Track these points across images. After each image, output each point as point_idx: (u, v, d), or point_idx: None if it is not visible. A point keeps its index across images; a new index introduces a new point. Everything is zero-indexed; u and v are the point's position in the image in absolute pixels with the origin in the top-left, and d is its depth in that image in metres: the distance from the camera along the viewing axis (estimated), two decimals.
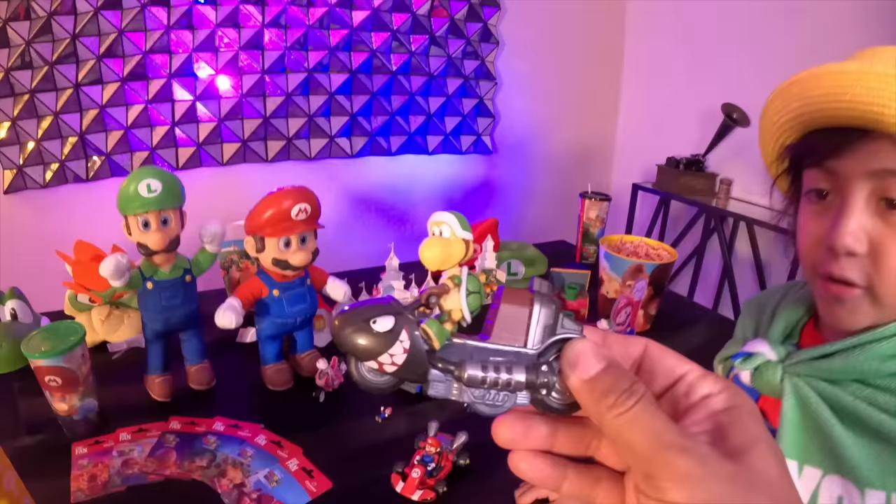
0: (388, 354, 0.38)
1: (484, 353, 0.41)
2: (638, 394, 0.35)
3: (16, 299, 1.42)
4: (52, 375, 1.03)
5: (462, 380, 0.39)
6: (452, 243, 0.47)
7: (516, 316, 0.41)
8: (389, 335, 0.38)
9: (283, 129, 2.93)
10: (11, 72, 2.33)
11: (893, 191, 0.69)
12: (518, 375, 0.39)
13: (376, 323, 0.38)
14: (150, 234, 1.13)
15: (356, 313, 0.39)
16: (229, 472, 1.02)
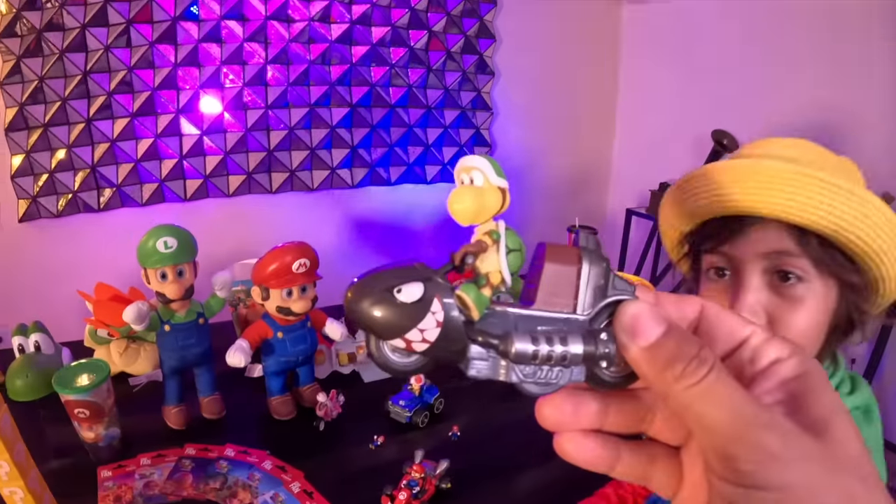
0: (417, 330, 0.33)
1: (530, 322, 0.36)
2: (709, 361, 0.32)
3: (39, 332, 1.53)
4: (81, 408, 1.15)
5: (509, 355, 0.34)
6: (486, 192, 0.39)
7: (563, 277, 0.37)
8: (418, 306, 0.33)
9: (286, 162, 3.02)
10: (25, 106, 2.42)
11: (784, 266, 0.81)
12: (574, 347, 0.35)
13: (401, 292, 0.33)
14: (168, 284, 1.26)
15: (375, 280, 0.34)
16: (240, 494, 1.14)
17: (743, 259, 0.84)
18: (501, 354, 0.35)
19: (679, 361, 0.32)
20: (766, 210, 0.78)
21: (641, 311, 0.34)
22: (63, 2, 2.38)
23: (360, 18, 2.99)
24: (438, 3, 3.18)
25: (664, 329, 0.33)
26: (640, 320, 0.34)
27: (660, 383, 0.33)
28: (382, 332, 0.33)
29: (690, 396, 0.31)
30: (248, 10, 2.74)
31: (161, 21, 2.59)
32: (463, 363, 0.36)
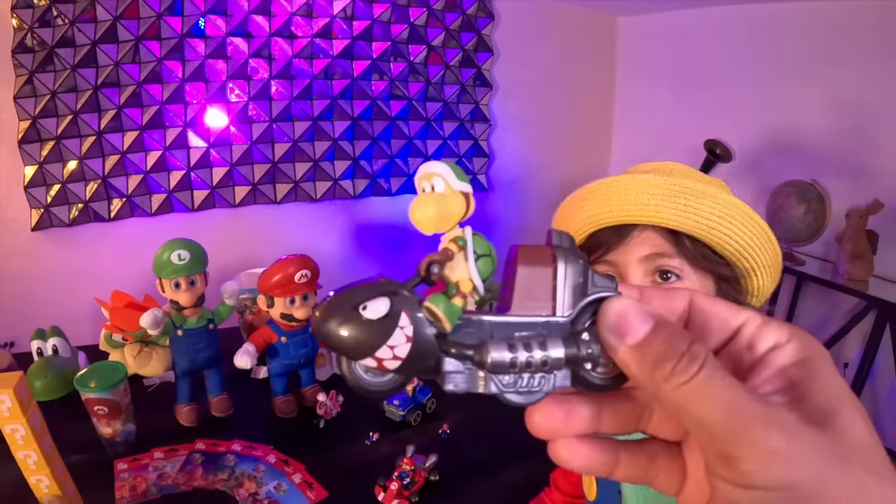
0: (387, 347, 0.31)
1: (507, 328, 0.34)
2: (700, 356, 0.30)
3: (57, 336, 1.62)
4: (101, 405, 1.25)
5: (485, 366, 0.33)
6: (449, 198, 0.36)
7: (538, 278, 0.35)
8: (386, 322, 0.32)
9: (290, 173, 3.10)
10: (38, 119, 2.49)
11: (663, 266, 0.92)
12: (555, 350, 0.33)
13: (367, 309, 0.31)
14: (181, 293, 1.36)
15: (340, 299, 0.32)
16: (246, 484, 1.24)
17: (626, 264, 0.94)
18: (477, 365, 0.33)
19: (668, 359, 0.30)
20: (642, 219, 0.89)
21: (625, 307, 0.33)
22: (74, 19, 2.45)
23: (362, 34, 3.07)
24: (437, 18, 3.26)
25: (651, 325, 0.32)
26: (624, 318, 0.33)
27: (650, 383, 0.31)
28: (351, 352, 0.32)
29: (683, 395, 0.29)
30: (252, 27, 2.83)
31: (169, 38, 2.68)
32: (439, 378, 0.34)
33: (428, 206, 0.36)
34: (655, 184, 0.88)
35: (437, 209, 0.36)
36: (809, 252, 3.01)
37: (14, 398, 0.95)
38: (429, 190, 0.37)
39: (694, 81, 3.63)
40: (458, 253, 0.35)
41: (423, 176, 0.38)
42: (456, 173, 0.37)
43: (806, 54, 3.01)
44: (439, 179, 0.37)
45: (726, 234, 0.87)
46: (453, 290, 0.34)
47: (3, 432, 0.98)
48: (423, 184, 0.38)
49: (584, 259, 0.36)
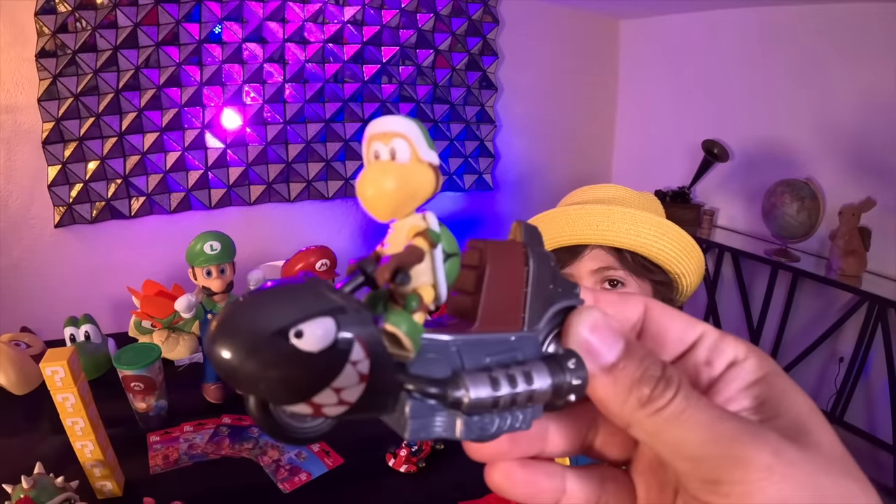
0: (330, 390, 0.23)
1: (478, 351, 0.27)
2: (675, 380, 0.28)
3: (89, 323, 1.73)
4: (137, 382, 1.36)
5: (462, 406, 0.25)
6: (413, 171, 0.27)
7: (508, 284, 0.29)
8: (331, 356, 0.22)
9: (303, 173, 3.20)
10: (61, 121, 2.60)
11: (610, 276, 1.12)
12: (541, 381, 0.27)
13: (303, 336, 0.22)
14: (212, 280, 1.48)
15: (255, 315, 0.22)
16: (269, 452, 1.36)
17: (580, 276, 1.13)
18: (451, 406, 0.26)
19: (644, 384, 0.28)
20: (593, 241, 1.09)
21: (596, 323, 0.30)
22: (96, 25, 2.57)
23: (371, 39, 3.18)
24: (444, 23, 3.37)
25: (622, 346, 0.29)
26: (596, 335, 0.29)
27: (621, 409, 0.29)
28: (276, 397, 0.23)
29: (659, 423, 0.27)
30: (267, 33, 2.94)
31: (187, 43, 2.79)
32: (393, 420, 0.26)
33: (385, 179, 0.27)
34: (602, 212, 1.08)
35: (397, 185, 0.27)
36: (804, 249, 3.09)
37: (67, 369, 1.07)
38: (385, 157, 0.27)
39: (693, 83, 3.70)
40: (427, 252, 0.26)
41: (379, 135, 0.27)
42: (425, 136, 0.27)
43: (801, 56, 3.08)
44: (403, 142, 0.27)
45: (660, 249, 1.08)
46: (414, 301, 0.26)
47: (55, 400, 1.09)
48: (375, 146, 0.27)
49: (553, 260, 0.31)
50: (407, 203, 0.27)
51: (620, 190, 1.22)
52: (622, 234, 1.07)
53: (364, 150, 0.28)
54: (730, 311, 3.53)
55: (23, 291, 2.67)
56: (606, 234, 1.07)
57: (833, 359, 3.06)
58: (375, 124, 0.28)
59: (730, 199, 3.59)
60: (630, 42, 4.13)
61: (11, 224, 2.62)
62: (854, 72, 2.87)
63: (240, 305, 0.23)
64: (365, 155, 0.28)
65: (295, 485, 1.27)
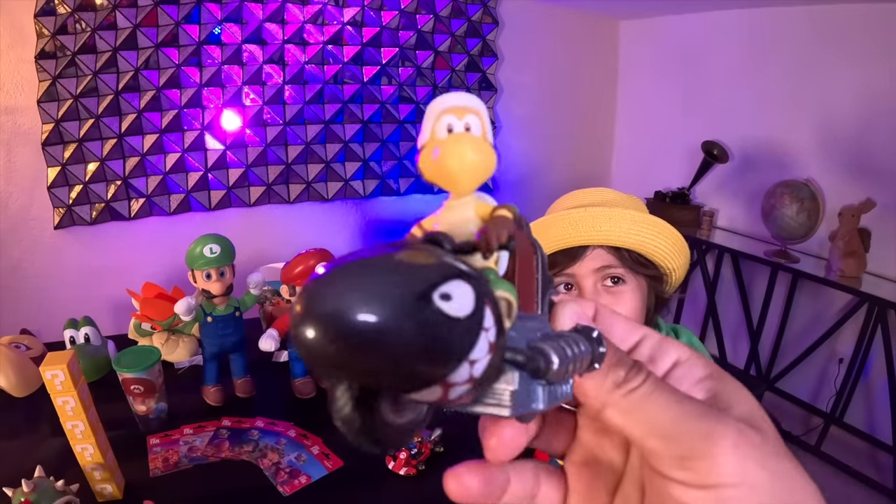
0: (467, 363, 0.21)
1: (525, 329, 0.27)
2: (644, 367, 0.30)
3: (88, 325, 1.73)
4: (137, 385, 1.36)
5: (549, 373, 0.24)
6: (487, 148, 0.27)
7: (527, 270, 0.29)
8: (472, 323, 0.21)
9: (303, 174, 3.20)
10: (61, 123, 2.61)
11: (611, 274, 1.18)
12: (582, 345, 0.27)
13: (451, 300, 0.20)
14: (212, 283, 1.48)
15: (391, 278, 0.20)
16: (269, 455, 1.35)
17: (582, 275, 1.18)
18: (534, 373, 0.25)
19: (619, 367, 0.30)
20: (596, 241, 1.14)
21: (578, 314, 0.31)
22: (96, 27, 2.57)
23: (371, 40, 3.19)
24: (444, 24, 3.38)
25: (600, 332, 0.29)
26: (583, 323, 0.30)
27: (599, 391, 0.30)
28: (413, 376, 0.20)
29: (633, 401, 0.29)
30: (266, 34, 2.94)
31: (187, 45, 2.80)
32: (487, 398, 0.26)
33: (474, 150, 0.26)
34: (604, 214, 1.13)
35: (485, 158, 0.27)
36: (803, 250, 3.09)
37: (67, 373, 1.06)
38: (459, 130, 0.27)
39: (693, 84, 3.71)
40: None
41: (454, 109, 0.27)
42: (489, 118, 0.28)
43: (800, 57, 3.09)
44: (476, 119, 0.27)
45: (656, 246, 1.15)
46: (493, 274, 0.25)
47: (55, 404, 1.09)
48: (448, 119, 0.27)
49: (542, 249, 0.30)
50: (484, 177, 0.28)
51: (611, 193, 1.27)
52: (624, 233, 1.13)
53: (431, 122, 0.28)
54: (729, 312, 3.54)
55: (22, 293, 2.67)
56: (610, 234, 1.13)
57: (833, 360, 3.07)
58: (448, 98, 0.27)
59: (729, 200, 3.59)
60: (630, 43, 4.14)
61: (11, 226, 2.62)
62: (854, 73, 2.87)
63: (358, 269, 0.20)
64: (431, 127, 0.28)
65: (295, 487, 1.27)
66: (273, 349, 1.51)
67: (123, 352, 1.42)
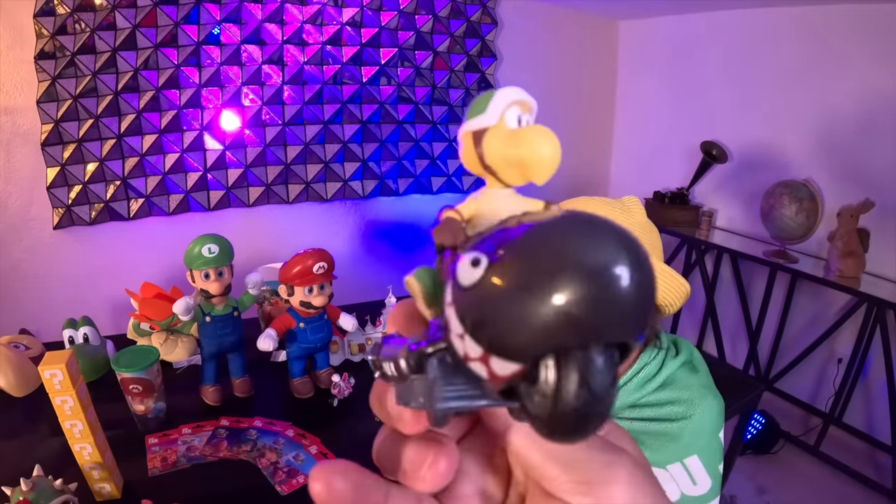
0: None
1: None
2: None
3: (87, 325, 1.73)
4: (135, 384, 1.36)
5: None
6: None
7: None
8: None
9: (302, 174, 3.20)
10: (60, 123, 2.60)
11: None
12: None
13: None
14: (210, 283, 1.48)
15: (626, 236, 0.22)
16: (267, 454, 1.36)
17: None
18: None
19: None
20: None
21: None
22: (95, 27, 2.56)
23: (370, 41, 3.18)
24: (443, 24, 3.38)
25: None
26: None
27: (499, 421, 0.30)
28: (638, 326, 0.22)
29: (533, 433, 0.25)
30: (265, 35, 2.94)
31: (186, 45, 2.79)
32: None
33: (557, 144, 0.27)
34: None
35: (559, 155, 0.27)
36: (802, 250, 3.10)
37: (65, 372, 1.07)
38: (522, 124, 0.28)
39: (692, 84, 3.71)
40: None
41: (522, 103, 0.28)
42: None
43: (799, 58, 3.09)
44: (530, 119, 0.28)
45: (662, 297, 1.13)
46: None
47: (54, 403, 1.09)
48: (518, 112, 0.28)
49: None
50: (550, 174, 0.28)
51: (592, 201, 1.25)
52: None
53: (500, 109, 0.28)
54: (728, 312, 3.54)
55: (22, 293, 2.67)
56: None
57: (832, 360, 3.07)
58: (518, 91, 0.28)
59: (728, 201, 3.60)
60: (629, 43, 4.15)
61: (10, 226, 2.62)
62: (853, 73, 2.88)
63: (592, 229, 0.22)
64: (499, 114, 0.28)
65: (293, 487, 1.28)
66: (271, 349, 1.52)
67: (122, 351, 1.42)
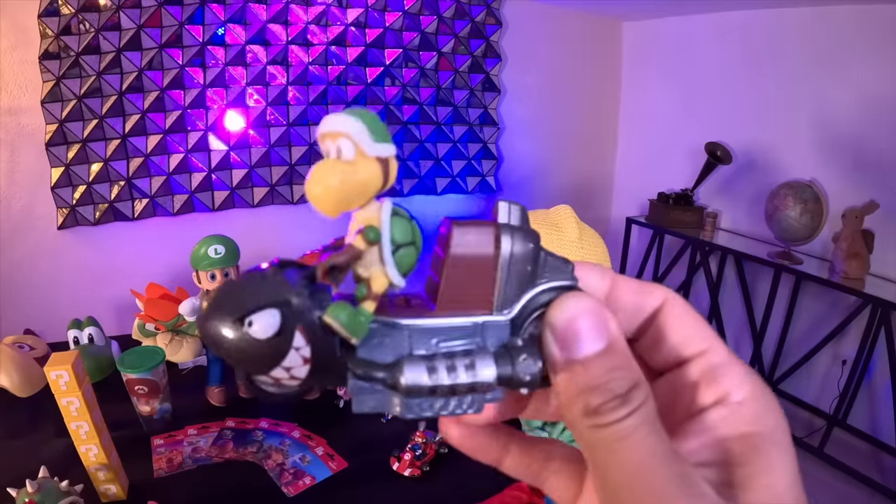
0: (281, 368, 0.26)
1: (429, 335, 0.28)
2: (634, 402, 0.25)
3: (92, 326, 1.73)
4: (141, 385, 1.36)
5: (400, 390, 0.27)
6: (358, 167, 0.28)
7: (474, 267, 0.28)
8: (278, 342, 0.26)
9: (306, 175, 3.15)
10: (65, 123, 2.61)
11: None
12: (484, 371, 0.27)
13: (253, 325, 0.25)
14: (216, 284, 1.48)
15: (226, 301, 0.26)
16: (273, 455, 1.36)
17: None
18: (390, 388, 0.27)
19: (598, 394, 0.25)
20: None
21: (580, 311, 0.27)
22: (99, 27, 2.57)
23: (375, 41, 3.19)
24: (447, 25, 3.38)
25: (602, 346, 0.26)
26: (574, 325, 0.26)
27: (567, 410, 0.26)
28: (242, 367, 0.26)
29: (595, 438, 0.25)
30: (270, 35, 2.94)
31: (191, 46, 2.79)
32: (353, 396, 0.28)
33: (329, 176, 0.28)
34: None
35: (341, 182, 0.27)
36: (807, 251, 3.10)
37: (72, 373, 1.07)
38: (333, 155, 0.28)
39: (696, 85, 3.71)
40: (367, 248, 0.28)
41: (325, 135, 0.28)
42: (372, 131, 0.28)
43: (803, 58, 3.09)
44: (347, 142, 0.28)
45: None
46: (363, 290, 0.28)
47: (60, 404, 1.09)
48: (325, 144, 0.28)
49: (535, 241, 0.29)
50: (354, 199, 0.28)
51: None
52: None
53: (319, 145, 0.29)
54: (733, 313, 3.54)
55: (26, 293, 2.67)
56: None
57: (836, 361, 3.07)
58: (322, 123, 0.28)
59: (733, 202, 3.59)
60: (633, 44, 4.15)
61: (15, 226, 2.62)
62: (857, 74, 2.87)
63: (221, 290, 0.26)
64: (322, 150, 0.29)
65: (299, 488, 1.27)
66: None
67: (127, 352, 1.42)
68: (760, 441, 0.26)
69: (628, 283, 0.31)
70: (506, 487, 1.29)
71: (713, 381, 0.28)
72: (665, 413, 0.26)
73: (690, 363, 0.29)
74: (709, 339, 0.29)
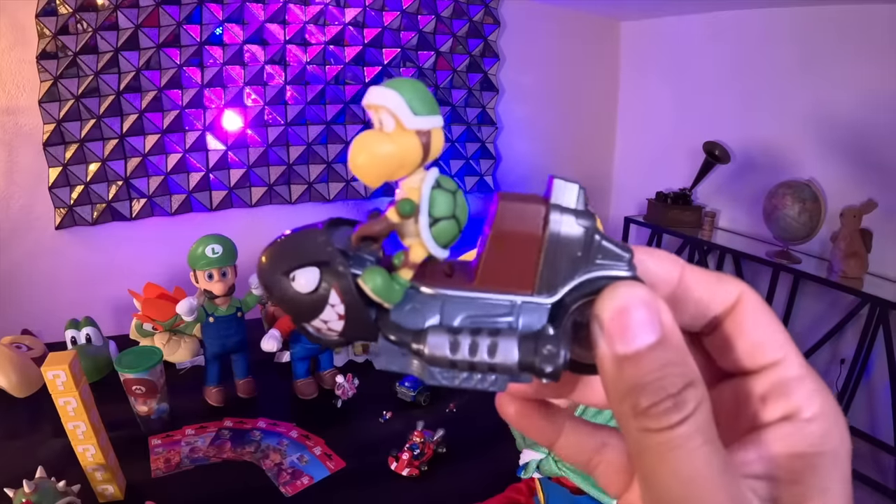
0: (320, 320, 0.28)
1: (463, 307, 0.28)
2: (688, 407, 0.23)
3: (90, 326, 1.73)
4: (139, 385, 1.36)
5: (423, 358, 0.28)
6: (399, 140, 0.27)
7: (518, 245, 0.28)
8: (315, 298, 0.28)
9: (304, 175, 3.19)
10: (62, 123, 2.60)
11: None
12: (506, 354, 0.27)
13: (296, 279, 0.28)
14: (214, 283, 1.48)
15: (278, 254, 0.29)
16: (271, 455, 1.36)
17: None
18: (414, 354, 0.28)
19: (648, 393, 0.23)
20: None
21: (632, 302, 0.25)
22: (97, 27, 2.56)
23: (372, 41, 3.18)
24: (445, 25, 3.38)
25: (654, 340, 0.24)
26: (625, 317, 0.25)
27: (615, 407, 0.25)
28: (289, 314, 0.29)
29: (644, 442, 0.23)
30: (268, 35, 2.94)
31: (188, 45, 2.79)
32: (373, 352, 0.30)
33: (367, 147, 0.28)
34: None
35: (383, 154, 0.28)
36: (805, 251, 3.09)
37: (69, 373, 1.07)
38: (376, 126, 0.28)
39: (695, 84, 3.70)
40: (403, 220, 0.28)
41: (369, 106, 0.29)
42: (411, 103, 0.28)
43: (801, 57, 3.08)
44: (386, 114, 0.28)
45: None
46: (401, 257, 0.28)
47: (57, 404, 1.09)
48: (371, 115, 0.29)
49: (590, 224, 0.28)
50: (395, 170, 0.28)
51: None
52: None
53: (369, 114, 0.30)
54: None
55: (24, 293, 2.67)
56: None
57: (835, 361, 3.06)
58: (367, 94, 0.29)
59: (731, 201, 3.59)
60: (631, 44, 4.13)
61: (12, 226, 2.61)
62: (855, 72, 2.87)
63: (277, 244, 0.30)
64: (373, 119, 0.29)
65: (297, 488, 1.27)
66: (275, 350, 1.52)
67: (125, 352, 1.42)
68: (820, 461, 0.25)
69: (700, 273, 0.29)
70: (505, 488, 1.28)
71: (784, 396, 0.26)
72: (726, 421, 0.26)
73: (762, 373, 0.27)
74: (784, 348, 0.27)
